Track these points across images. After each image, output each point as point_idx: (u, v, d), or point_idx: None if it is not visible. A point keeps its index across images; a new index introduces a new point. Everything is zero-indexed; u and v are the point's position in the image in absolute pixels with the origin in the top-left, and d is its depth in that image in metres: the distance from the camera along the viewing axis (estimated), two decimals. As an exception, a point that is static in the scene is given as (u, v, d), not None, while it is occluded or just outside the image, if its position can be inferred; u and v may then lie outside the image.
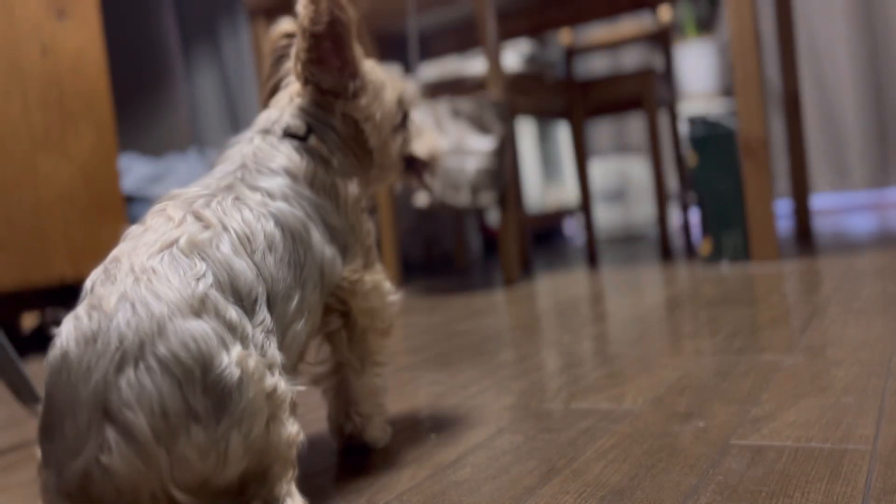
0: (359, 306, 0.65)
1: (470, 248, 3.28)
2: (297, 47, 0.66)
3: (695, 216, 3.14)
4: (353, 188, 0.66)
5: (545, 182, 3.78)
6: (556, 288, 1.80)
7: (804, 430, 0.61)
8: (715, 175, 1.80)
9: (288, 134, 0.64)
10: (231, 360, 0.46)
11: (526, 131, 3.59)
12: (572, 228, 3.84)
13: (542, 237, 3.88)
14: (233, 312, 0.48)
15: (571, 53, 2.90)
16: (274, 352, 0.51)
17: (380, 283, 0.67)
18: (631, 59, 3.76)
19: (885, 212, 2.87)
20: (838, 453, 0.56)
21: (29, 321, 2.04)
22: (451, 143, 1.85)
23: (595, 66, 3.82)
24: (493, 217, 3.51)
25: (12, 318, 1.92)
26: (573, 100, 2.32)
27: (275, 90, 0.72)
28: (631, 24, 3.00)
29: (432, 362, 1.08)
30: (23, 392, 0.92)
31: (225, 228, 0.53)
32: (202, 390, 0.45)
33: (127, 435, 0.43)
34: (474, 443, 0.68)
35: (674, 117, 2.71)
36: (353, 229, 0.65)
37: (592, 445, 0.64)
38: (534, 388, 0.86)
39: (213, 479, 0.46)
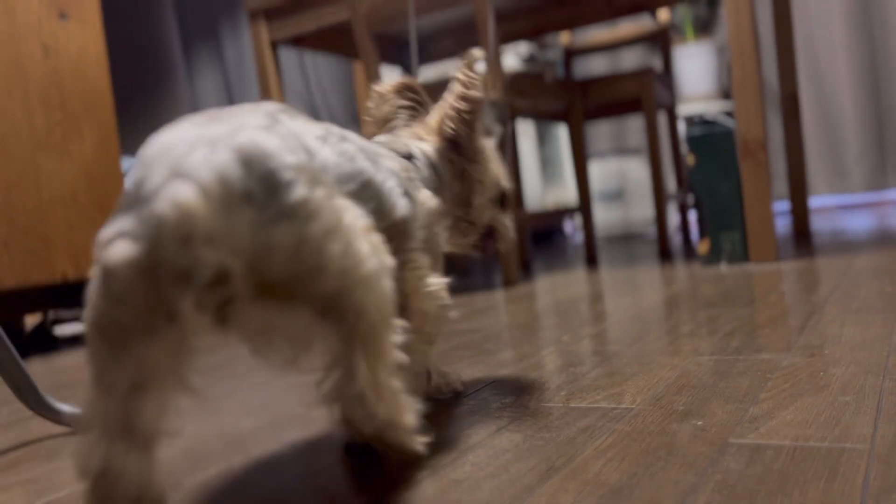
0: (416, 306, 0.72)
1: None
2: (450, 107, 0.80)
3: (693, 216, 3.14)
4: (435, 202, 0.75)
5: (545, 182, 3.78)
6: (555, 287, 1.81)
7: (802, 428, 0.62)
8: (713, 175, 1.81)
9: (408, 157, 0.76)
10: (288, 164, 0.51)
11: (525, 131, 3.59)
12: (572, 228, 3.84)
13: (542, 236, 3.88)
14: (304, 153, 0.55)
15: (570, 54, 2.90)
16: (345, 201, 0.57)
17: (440, 291, 0.75)
18: (630, 61, 3.76)
19: (883, 211, 2.88)
20: (836, 452, 0.56)
21: (31, 321, 2.05)
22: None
23: (594, 67, 3.82)
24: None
25: (14, 318, 1.92)
26: (572, 99, 2.33)
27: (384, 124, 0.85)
28: (630, 26, 3.00)
29: (432, 362, 1.08)
30: (25, 391, 0.92)
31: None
32: (259, 176, 0.50)
33: (190, 184, 0.47)
34: (474, 441, 0.69)
35: (672, 118, 2.71)
36: (429, 232, 0.74)
37: (591, 444, 0.64)
38: (533, 386, 0.86)
39: (263, 265, 0.50)
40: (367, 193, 0.63)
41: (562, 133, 3.98)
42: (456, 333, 1.30)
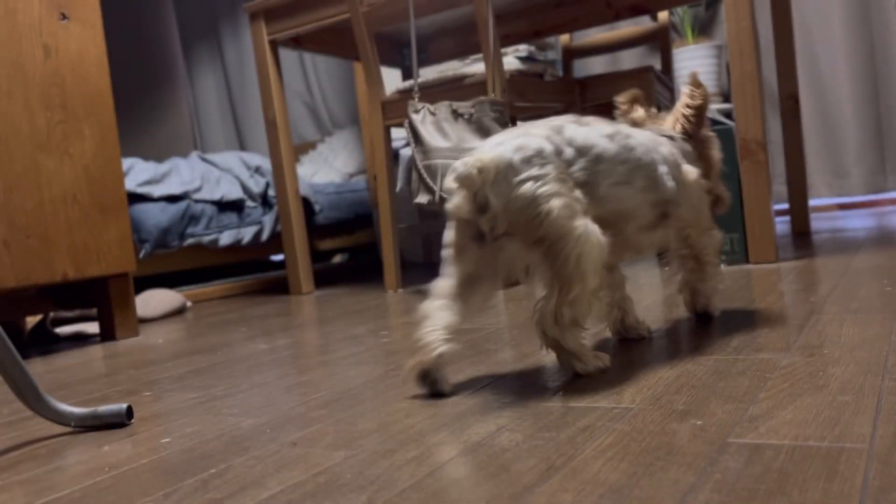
0: (694, 246, 1.07)
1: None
2: (682, 110, 1.10)
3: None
4: (696, 173, 1.04)
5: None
6: (555, 288, 1.81)
7: (801, 428, 0.62)
8: (714, 176, 1.81)
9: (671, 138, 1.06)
10: (534, 156, 0.85)
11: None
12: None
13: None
14: (549, 146, 0.87)
15: (570, 55, 2.90)
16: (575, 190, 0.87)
17: (704, 241, 1.06)
18: (629, 62, 3.76)
19: (882, 211, 2.88)
20: (835, 451, 0.56)
21: (31, 321, 2.05)
22: (451, 144, 1.85)
23: (594, 68, 3.82)
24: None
25: (14, 318, 1.92)
26: (571, 98, 2.33)
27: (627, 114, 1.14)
28: (629, 27, 3.00)
29: (432, 362, 1.08)
30: (25, 391, 0.92)
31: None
32: (520, 160, 0.85)
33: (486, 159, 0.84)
34: (474, 441, 0.69)
35: (673, 118, 2.71)
36: (683, 194, 1.00)
37: (591, 443, 0.64)
38: (533, 386, 0.87)
39: (510, 209, 0.84)
40: (639, 173, 0.93)
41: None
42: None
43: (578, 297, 0.84)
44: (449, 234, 0.89)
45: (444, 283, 0.89)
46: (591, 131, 0.90)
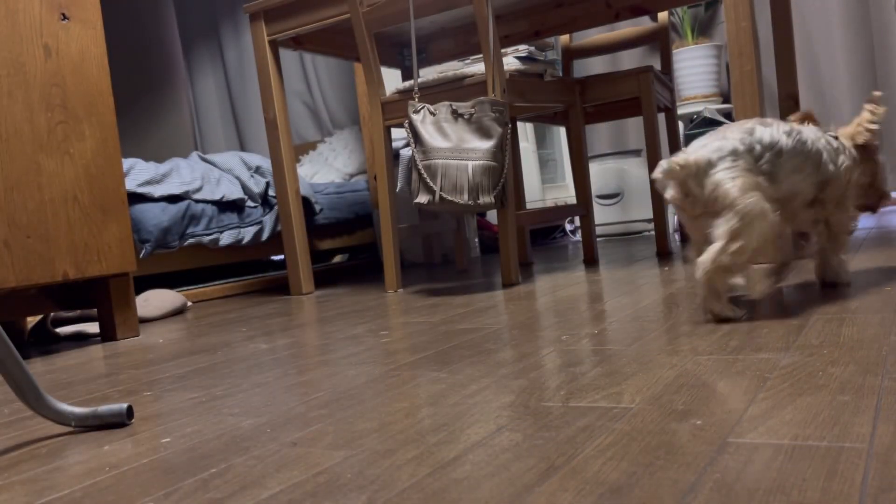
0: (832, 224, 1.26)
1: (470, 247, 3.29)
2: (863, 126, 1.29)
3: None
4: (848, 167, 1.25)
5: (544, 181, 3.78)
6: (554, 287, 1.81)
7: (801, 428, 0.62)
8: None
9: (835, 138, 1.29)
10: (728, 154, 1.13)
11: (525, 131, 3.59)
12: (571, 227, 3.84)
13: (542, 236, 3.88)
14: (741, 145, 1.14)
15: (570, 55, 2.90)
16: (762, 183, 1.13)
17: (842, 218, 1.26)
18: (629, 62, 3.76)
19: (881, 211, 2.88)
20: (835, 451, 0.56)
21: (31, 320, 2.05)
22: (451, 144, 1.85)
23: (593, 69, 3.82)
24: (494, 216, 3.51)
25: (15, 318, 1.92)
26: (571, 98, 2.33)
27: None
28: (629, 27, 3.00)
29: (432, 361, 1.08)
30: (25, 390, 0.92)
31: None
32: (717, 157, 1.14)
33: (698, 155, 1.15)
34: (474, 441, 0.69)
35: (672, 119, 2.71)
36: (837, 176, 1.22)
37: (591, 443, 0.64)
38: (533, 386, 0.87)
39: (706, 192, 1.12)
40: (809, 161, 1.18)
41: (562, 132, 3.98)
42: (456, 333, 1.31)
43: (740, 250, 1.08)
44: (678, 216, 1.23)
45: (694, 247, 1.23)
46: (774, 131, 1.16)
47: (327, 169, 3.69)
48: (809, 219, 1.26)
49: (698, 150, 1.14)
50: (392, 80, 3.28)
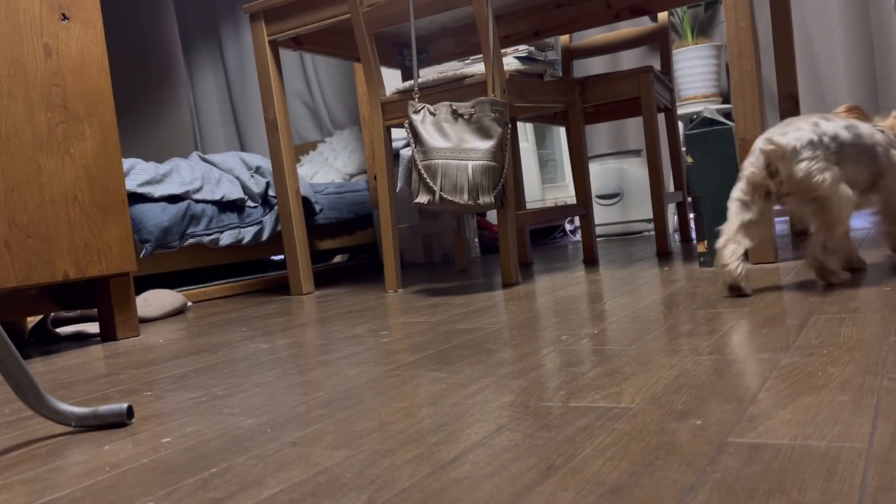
0: (887, 205, 1.42)
1: (470, 247, 3.29)
2: None
3: (692, 215, 3.14)
4: None
5: (544, 181, 3.78)
6: (554, 287, 1.81)
7: (801, 428, 0.62)
8: (712, 173, 1.81)
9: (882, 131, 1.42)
10: (805, 144, 1.27)
11: (525, 131, 3.59)
12: (571, 227, 3.84)
13: (542, 236, 3.88)
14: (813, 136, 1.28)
15: (569, 56, 2.90)
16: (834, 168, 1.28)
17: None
18: (629, 63, 3.76)
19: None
20: (835, 451, 0.56)
21: (31, 320, 2.05)
22: (451, 144, 1.85)
23: (593, 69, 3.82)
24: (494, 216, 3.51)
25: (15, 318, 1.92)
26: (571, 98, 2.33)
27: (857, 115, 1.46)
28: (629, 28, 3.00)
29: (432, 361, 1.08)
30: (25, 390, 0.92)
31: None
32: (798, 146, 1.27)
33: (780, 143, 1.28)
34: (474, 440, 0.69)
35: (671, 119, 2.71)
36: (891, 167, 1.36)
37: (591, 443, 0.65)
38: (533, 386, 0.87)
39: (791, 178, 1.27)
40: (864, 153, 1.31)
41: (562, 132, 3.98)
42: (456, 333, 1.31)
43: (843, 234, 1.28)
44: (738, 191, 1.33)
45: (731, 226, 1.32)
46: (835, 125, 1.29)
47: (327, 169, 3.69)
48: (864, 203, 1.39)
49: (782, 136, 1.26)
50: (392, 80, 3.28)
